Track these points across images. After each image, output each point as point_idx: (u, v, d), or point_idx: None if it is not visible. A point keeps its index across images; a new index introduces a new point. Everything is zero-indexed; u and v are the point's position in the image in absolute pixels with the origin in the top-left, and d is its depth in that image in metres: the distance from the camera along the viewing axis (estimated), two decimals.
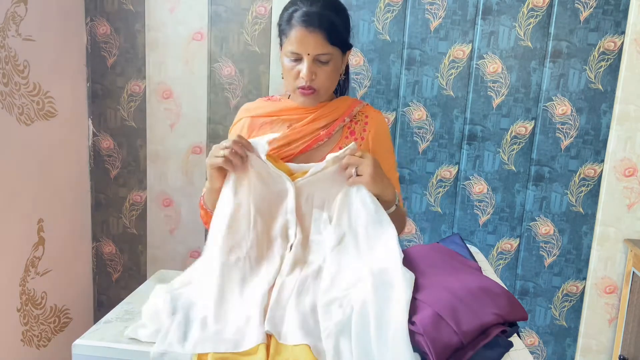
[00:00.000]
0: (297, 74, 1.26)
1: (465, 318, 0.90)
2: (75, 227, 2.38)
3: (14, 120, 1.95)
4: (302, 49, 1.23)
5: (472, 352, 0.88)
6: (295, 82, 1.28)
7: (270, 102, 1.42)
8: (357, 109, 1.39)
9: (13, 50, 1.92)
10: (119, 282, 2.54)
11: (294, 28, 1.23)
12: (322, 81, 1.27)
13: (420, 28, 2.17)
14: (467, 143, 2.22)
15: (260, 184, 1.22)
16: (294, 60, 1.26)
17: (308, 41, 1.22)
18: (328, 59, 1.25)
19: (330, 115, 1.35)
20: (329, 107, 1.35)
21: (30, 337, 2.12)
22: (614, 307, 2.25)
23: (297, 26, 1.22)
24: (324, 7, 1.24)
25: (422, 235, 2.31)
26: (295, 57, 1.25)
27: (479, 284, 1.01)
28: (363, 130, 1.37)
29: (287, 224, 1.21)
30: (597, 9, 2.07)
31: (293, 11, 1.24)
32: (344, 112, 1.37)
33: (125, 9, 2.31)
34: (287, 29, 1.25)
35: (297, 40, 1.23)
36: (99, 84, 2.39)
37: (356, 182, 1.19)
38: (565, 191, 2.20)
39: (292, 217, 1.21)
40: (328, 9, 1.25)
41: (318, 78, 1.26)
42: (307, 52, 1.23)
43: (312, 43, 1.22)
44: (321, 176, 1.23)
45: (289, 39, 1.25)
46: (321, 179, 1.23)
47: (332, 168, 1.22)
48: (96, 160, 2.45)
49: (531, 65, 2.14)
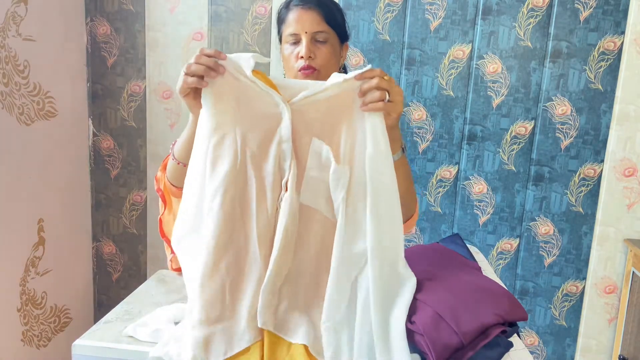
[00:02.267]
0: (297, 56, 1.27)
1: (465, 318, 0.91)
2: (75, 227, 2.38)
3: (14, 120, 1.95)
4: (299, 27, 1.25)
5: (472, 352, 0.88)
6: (296, 64, 1.28)
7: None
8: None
9: (13, 50, 1.92)
10: (119, 282, 2.54)
11: (291, 11, 1.27)
12: (321, 60, 1.28)
13: (420, 28, 2.17)
14: (467, 143, 2.22)
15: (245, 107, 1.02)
16: (293, 44, 1.28)
17: (304, 19, 1.25)
18: (325, 37, 1.27)
19: None
20: None
21: (30, 337, 2.12)
22: (614, 307, 2.25)
23: (293, 8, 1.27)
24: None
25: (422, 235, 2.31)
26: (294, 39, 1.27)
27: (479, 284, 1.01)
28: None
29: (281, 156, 1.02)
30: (597, 9, 2.07)
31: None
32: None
33: (125, 9, 2.31)
34: (285, 13, 1.29)
35: (295, 20, 1.26)
36: (99, 84, 2.39)
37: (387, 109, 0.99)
38: (565, 191, 2.21)
39: (287, 146, 1.02)
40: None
41: (317, 57, 1.27)
42: (304, 30, 1.25)
43: (308, 21, 1.25)
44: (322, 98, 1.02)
45: (287, 23, 1.28)
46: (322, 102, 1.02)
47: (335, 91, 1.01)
48: (96, 160, 2.45)
49: (531, 65, 2.14)
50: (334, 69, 1.32)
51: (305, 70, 1.27)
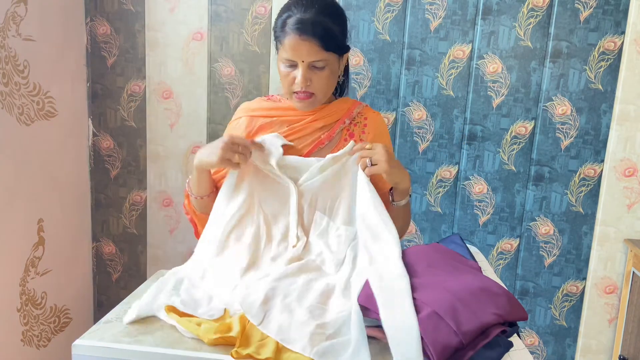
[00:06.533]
0: (293, 79, 1.25)
1: (465, 318, 0.90)
2: (75, 227, 2.38)
3: (14, 120, 1.95)
4: (296, 56, 1.22)
5: (472, 353, 0.88)
6: (292, 87, 1.27)
7: (270, 102, 1.41)
8: (357, 110, 1.38)
9: (13, 50, 1.92)
10: (119, 282, 2.54)
11: (288, 35, 1.21)
12: (318, 86, 1.26)
13: (420, 28, 2.17)
14: (467, 143, 2.22)
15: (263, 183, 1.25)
16: (289, 67, 1.25)
17: (301, 49, 1.20)
18: (323, 64, 1.24)
19: (330, 116, 1.34)
20: (328, 108, 1.35)
21: (30, 337, 2.12)
22: (614, 307, 2.25)
23: (290, 34, 1.20)
24: (317, 13, 1.20)
25: (422, 235, 2.31)
26: (290, 63, 1.24)
27: (479, 284, 1.01)
28: (362, 132, 1.36)
29: (288, 226, 1.24)
30: (597, 9, 2.07)
31: (286, 17, 1.22)
32: (344, 114, 1.36)
33: (125, 9, 2.31)
34: (282, 35, 1.23)
35: (291, 47, 1.21)
36: (99, 84, 2.39)
37: (373, 172, 1.20)
38: (565, 191, 2.21)
39: (293, 219, 1.23)
40: (322, 15, 1.21)
41: (314, 83, 1.25)
42: (301, 60, 1.22)
43: (305, 51, 1.20)
44: (322, 178, 1.25)
45: (283, 46, 1.23)
46: (324, 181, 1.25)
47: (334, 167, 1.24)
48: (96, 160, 2.45)
49: (531, 65, 2.14)
50: (332, 87, 1.32)
51: (300, 96, 1.27)
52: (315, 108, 1.34)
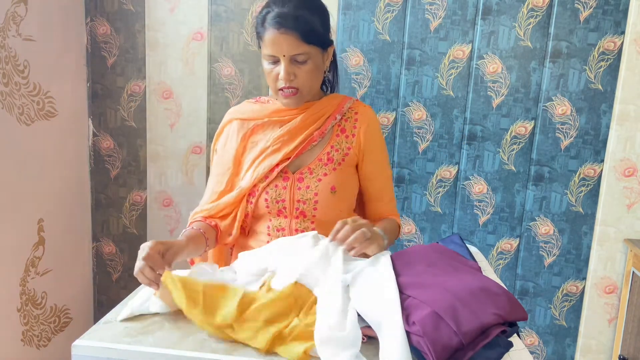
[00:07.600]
0: (277, 76, 1.25)
1: (465, 318, 0.90)
2: (75, 227, 2.38)
3: (14, 120, 1.95)
4: (277, 50, 1.22)
5: (472, 353, 0.88)
6: (276, 84, 1.27)
7: (259, 104, 1.40)
8: (347, 105, 1.38)
9: (13, 50, 1.92)
10: (119, 282, 2.54)
11: (267, 31, 1.22)
12: (302, 80, 1.26)
13: (420, 28, 2.17)
14: (467, 143, 2.22)
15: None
16: (273, 63, 1.25)
17: (281, 42, 1.21)
18: (305, 58, 1.24)
19: (321, 112, 1.34)
20: (319, 105, 1.35)
21: (30, 337, 2.12)
22: (614, 307, 2.25)
23: (269, 28, 1.22)
24: (296, 7, 1.21)
25: (422, 235, 2.31)
26: (272, 59, 1.25)
27: (478, 284, 1.01)
28: (353, 127, 1.36)
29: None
30: (597, 9, 2.07)
31: (266, 13, 1.23)
32: (334, 109, 1.36)
33: (125, 9, 2.31)
34: (262, 31, 1.24)
35: (271, 42, 1.22)
36: (99, 84, 2.39)
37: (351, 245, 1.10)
38: (565, 191, 2.21)
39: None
40: (301, 8, 1.22)
41: (298, 78, 1.25)
42: (282, 54, 1.22)
43: (285, 44, 1.21)
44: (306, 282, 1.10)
45: (264, 42, 1.24)
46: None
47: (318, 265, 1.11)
48: (96, 160, 2.45)
49: (531, 65, 2.14)
50: (317, 82, 1.32)
51: (286, 92, 1.27)
52: (304, 105, 1.33)
